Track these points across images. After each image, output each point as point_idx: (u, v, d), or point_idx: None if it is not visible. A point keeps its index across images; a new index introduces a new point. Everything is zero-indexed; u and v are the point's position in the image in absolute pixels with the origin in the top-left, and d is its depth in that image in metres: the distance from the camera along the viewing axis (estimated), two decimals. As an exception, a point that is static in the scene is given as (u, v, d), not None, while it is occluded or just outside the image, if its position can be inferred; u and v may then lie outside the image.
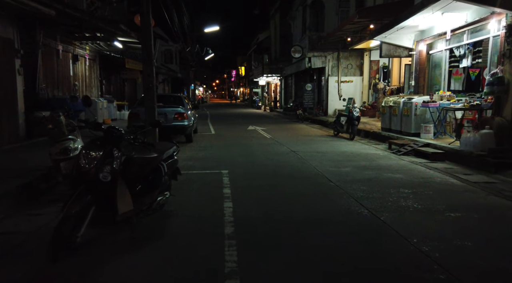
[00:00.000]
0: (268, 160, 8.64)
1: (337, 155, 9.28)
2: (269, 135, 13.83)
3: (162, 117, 10.99)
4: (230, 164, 8.19)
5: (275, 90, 40.41)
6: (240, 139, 12.82)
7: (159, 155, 4.37)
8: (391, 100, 11.80)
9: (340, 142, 11.78)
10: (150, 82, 9.84)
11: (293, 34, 28.10)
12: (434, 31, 10.99)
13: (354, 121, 12.35)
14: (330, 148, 10.53)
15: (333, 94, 21.58)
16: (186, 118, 11.20)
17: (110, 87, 23.69)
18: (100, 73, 20.23)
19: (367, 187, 6.01)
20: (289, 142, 11.68)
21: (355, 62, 21.45)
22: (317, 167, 7.70)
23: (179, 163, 8.16)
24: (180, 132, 11.45)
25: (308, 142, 11.76)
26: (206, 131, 15.64)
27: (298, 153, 9.54)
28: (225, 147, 10.83)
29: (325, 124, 17.85)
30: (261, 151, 9.92)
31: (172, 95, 13.37)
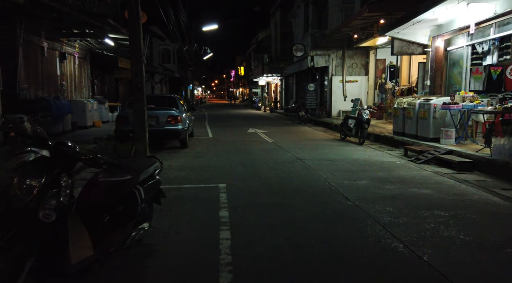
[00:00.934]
0: (271, 170, 7.60)
1: (349, 163, 8.24)
2: (271, 139, 12.79)
3: (154, 121, 9.95)
4: (228, 175, 7.15)
5: (275, 90, 39.39)
6: (239, 143, 11.78)
7: (134, 177, 3.32)
8: (405, 101, 10.77)
9: (349, 147, 10.74)
10: (139, 81, 8.80)
11: (295, 33, 27.07)
12: (454, 25, 9.96)
13: (364, 124, 11.32)
14: (340, 154, 9.49)
15: (337, 95, 20.56)
16: (180, 122, 10.16)
17: (104, 87, 22.63)
18: (92, 73, 19.20)
19: (394, 208, 4.96)
20: (293, 148, 10.64)
21: (360, 61, 20.43)
22: (329, 179, 6.66)
23: (169, 174, 7.10)
24: (174, 137, 10.41)
25: (314, 148, 10.73)
26: (203, 134, 14.59)
27: (305, 161, 8.50)
28: (223, 154, 9.79)
29: (329, 126, 16.82)
30: (263, 159, 8.88)
31: (165, 96, 12.32)
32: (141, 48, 8.73)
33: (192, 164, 8.39)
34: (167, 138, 10.70)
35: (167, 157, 9.31)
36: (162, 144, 11.15)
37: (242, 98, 68.36)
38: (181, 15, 30.79)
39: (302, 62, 22.78)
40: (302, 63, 22.65)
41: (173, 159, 8.96)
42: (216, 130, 16.03)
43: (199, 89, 72.07)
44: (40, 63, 13.01)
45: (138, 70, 8.76)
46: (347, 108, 20.60)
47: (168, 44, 40.70)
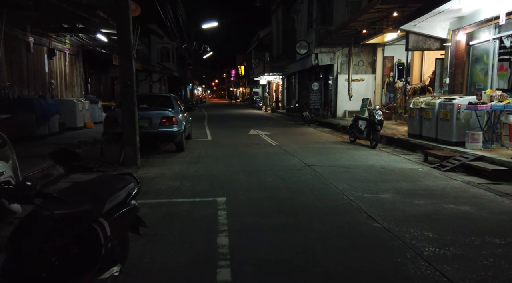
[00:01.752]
0: (278, 179, 6.64)
1: (365, 171, 7.27)
2: (275, 141, 11.83)
3: (146, 122, 9.00)
4: (228, 185, 6.19)
5: (276, 89, 38.43)
6: (241, 147, 10.82)
7: (94, 207, 2.34)
8: (422, 101, 9.81)
9: (361, 152, 9.78)
10: (129, 78, 7.86)
11: (297, 30, 26.09)
12: (478, 17, 9.00)
13: (377, 126, 10.36)
14: (352, 160, 8.53)
15: (342, 94, 19.61)
16: (175, 123, 9.20)
17: (100, 86, 21.68)
18: (85, 71, 18.29)
19: (434, 233, 4.01)
20: (299, 152, 9.69)
21: (366, 59, 19.48)
22: (346, 192, 5.70)
23: (161, 184, 6.22)
24: (168, 140, 9.46)
25: (323, 152, 9.77)
26: (202, 136, 13.64)
27: (315, 168, 7.54)
28: (223, 159, 8.83)
29: (335, 127, 15.87)
30: (268, 165, 7.93)
31: (160, 95, 11.33)
32: (130, 41, 7.79)
33: (188, 171, 7.43)
34: (161, 141, 9.76)
35: (160, 162, 8.35)
36: (155, 148, 10.20)
37: (243, 97, 67.39)
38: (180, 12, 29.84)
39: (305, 60, 21.82)
40: (306, 61, 21.68)
41: (167, 166, 8.00)
42: (215, 132, 15.08)
43: (199, 88, 71.10)
44: (26, 59, 12.06)
45: (127, 65, 7.82)
46: (353, 108, 19.67)
47: (167, 42, 39.77)
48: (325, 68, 21.27)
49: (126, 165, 7.88)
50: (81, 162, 7.45)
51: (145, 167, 7.88)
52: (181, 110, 10.70)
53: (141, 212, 4.76)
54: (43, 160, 7.28)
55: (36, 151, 8.51)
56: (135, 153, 7.96)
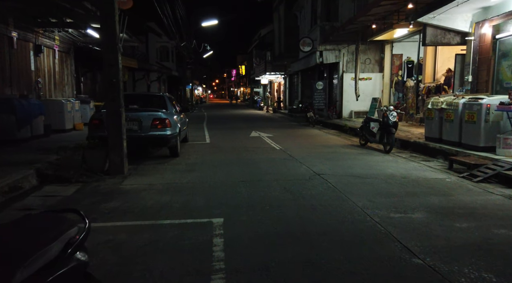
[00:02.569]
0: (285, 192, 5.68)
1: (385, 182, 6.31)
2: (278, 145, 10.87)
3: (136, 125, 8.04)
4: (227, 201, 5.23)
5: (278, 89, 37.48)
6: (241, 151, 9.86)
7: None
8: (443, 101, 8.85)
9: (375, 157, 8.83)
10: (114, 75, 6.91)
11: (300, 27, 25.14)
12: (507, 7, 8.03)
13: (391, 129, 9.40)
14: (367, 167, 7.56)
15: (348, 94, 18.64)
16: (168, 126, 8.24)
17: (95, 86, 20.73)
18: (77, 69, 17.34)
19: (496, 274, 3.04)
20: (307, 157, 8.73)
21: (374, 57, 18.51)
22: (368, 209, 4.74)
23: (147, 198, 5.31)
24: (161, 145, 8.51)
25: (332, 157, 8.81)
26: (200, 138, 12.68)
27: (326, 177, 6.59)
28: (222, 166, 7.88)
29: (342, 129, 14.90)
30: (272, 174, 6.97)
31: (152, 95, 10.34)
32: (116, 33, 6.84)
33: (181, 181, 6.47)
34: (153, 146, 8.81)
35: (151, 170, 7.39)
36: (147, 153, 9.25)
37: (244, 97, 66.45)
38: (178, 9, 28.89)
39: (309, 58, 20.85)
40: (309, 59, 20.71)
41: (158, 174, 7.04)
42: (214, 134, 14.13)
43: (199, 88, 70.17)
44: (8, 56, 11.11)
45: (112, 60, 6.87)
46: (359, 109, 18.71)
47: (166, 41, 38.88)
48: (330, 67, 20.31)
49: (111, 174, 6.93)
50: (58, 171, 6.50)
51: (133, 176, 6.93)
52: (176, 111, 9.75)
53: (117, 240, 3.85)
54: (19, 167, 6.33)
55: (14, 157, 7.56)
56: (122, 160, 7.01)
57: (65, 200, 5.37)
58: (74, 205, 5.06)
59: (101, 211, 4.83)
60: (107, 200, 5.33)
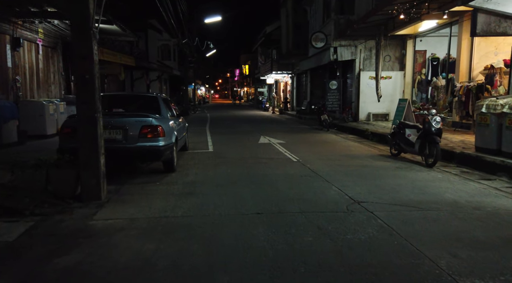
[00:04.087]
0: (321, 236, 3.97)
1: (453, 216, 4.58)
2: (294, 155, 9.17)
3: (120, 134, 6.35)
4: (239, 256, 3.51)
5: (284, 89, 35.77)
6: (251, 163, 8.16)
7: None
8: (503, 104, 7.11)
9: (419, 174, 7.10)
10: (87, 69, 5.23)
11: (310, 22, 23.41)
12: None
13: (435, 137, 7.67)
14: (418, 190, 5.83)
15: (366, 94, 16.92)
16: (161, 135, 6.54)
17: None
18: (67, 67, 15.70)
19: None
20: (333, 173, 7.02)
21: (394, 53, 16.78)
22: (461, 277, 3.03)
23: (113, 254, 3.31)
24: (152, 159, 6.81)
25: (365, 174, 7.08)
26: (202, 146, 10.99)
27: (369, 207, 4.88)
28: (229, 186, 6.18)
29: (362, 134, 13.17)
30: (296, 201, 5.26)
31: (142, 95, 8.50)
32: (88, 11, 5.14)
33: (173, 214, 4.77)
34: (142, 161, 7.11)
35: (137, 194, 5.69)
36: (135, 166, 7.56)
37: (247, 98, 64.79)
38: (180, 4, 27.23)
39: (321, 55, 19.12)
40: (321, 56, 18.98)
41: (144, 201, 5.34)
42: (218, 140, 12.42)
43: (202, 88, 68.59)
44: (-23, 49, 9.47)
45: (84, 50, 5.19)
46: (378, 110, 16.95)
47: (168, 39, 37.33)
48: (344, 65, 18.58)
49: (84, 200, 5.25)
50: (8, 199, 4.81)
51: (112, 203, 5.23)
52: (173, 115, 8.06)
53: None
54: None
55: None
56: (98, 181, 5.32)
57: (0, 251, 3.68)
58: (10, 262, 3.38)
59: (47, 277, 3.14)
60: (65, 250, 3.64)
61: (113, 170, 6.84)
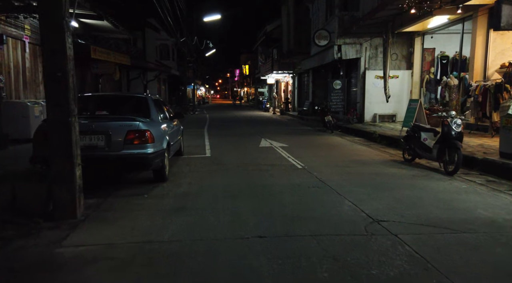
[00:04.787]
0: (339, 269, 3.20)
1: (497, 242, 3.80)
2: (298, 160, 8.39)
3: (101, 139, 5.57)
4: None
5: (285, 89, 35.01)
6: (252, 171, 7.39)
7: None
8: (533, 105, 6.34)
9: (440, 183, 6.33)
10: (58, 67, 4.47)
11: (312, 20, 22.65)
12: None
13: (455, 142, 6.90)
14: (444, 205, 5.05)
15: (371, 94, 16.15)
16: (150, 141, 5.76)
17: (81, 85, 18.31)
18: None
19: None
20: (344, 183, 6.24)
21: (401, 51, 16.02)
22: None
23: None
24: (139, 168, 6.01)
25: (379, 183, 6.30)
26: (198, 150, 10.22)
27: (393, 229, 4.10)
28: (227, 199, 5.40)
29: (369, 137, 12.41)
30: (305, 220, 4.48)
31: (130, 96, 7.59)
32: (61, 3, 4.38)
33: (159, 239, 3.99)
34: (127, 171, 6.32)
35: (120, 210, 4.90)
36: (121, 176, 6.78)
37: (247, 98, 64.03)
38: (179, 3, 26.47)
39: (324, 54, 18.37)
40: (325, 55, 18.23)
41: (127, 220, 4.56)
42: (217, 143, 11.65)
43: (202, 88, 67.83)
44: (-48, 46, 8.70)
45: (55, 42, 4.43)
46: (384, 111, 16.17)
47: (166, 38, 36.62)
48: (348, 64, 17.82)
49: (56, 219, 4.48)
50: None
51: (88, 223, 4.46)
52: (166, 118, 7.28)
53: None
54: None
55: None
56: (73, 196, 4.55)
57: None
58: None
59: None
60: (16, 292, 2.87)
61: (96, 180, 6.08)
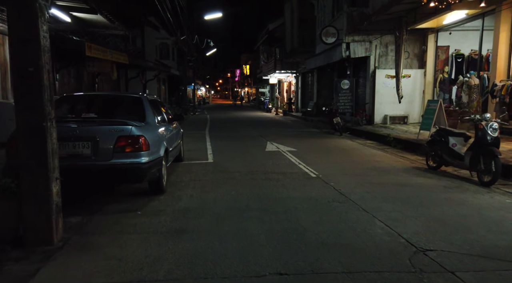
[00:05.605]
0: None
1: None
2: (311, 167, 7.55)
3: (87, 147, 4.73)
4: None
5: (288, 89, 34.17)
6: (261, 181, 6.54)
7: None
8: None
9: (479, 197, 5.49)
10: (29, 60, 3.62)
11: (317, 17, 21.79)
12: None
13: (492, 149, 6.08)
14: (497, 228, 4.20)
15: (381, 94, 15.31)
16: (144, 148, 4.91)
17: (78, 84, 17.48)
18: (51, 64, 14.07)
19: None
20: (368, 197, 5.40)
21: (412, 49, 15.17)
22: None
23: None
24: (131, 180, 5.14)
25: (409, 197, 5.46)
26: (200, 154, 9.38)
27: (448, 264, 3.27)
28: (234, 219, 4.56)
29: (382, 140, 11.57)
30: (331, 247, 3.65)
31: (122, 96, 6.59)
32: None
33: (151, 276, 3.14)
34: (118, 183, 5.47)
35: (104, 235, 4.04)
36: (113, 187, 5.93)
37: (248, 98, 63.17)
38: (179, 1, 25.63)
39: (331, 52, 17.52)
40: (332, 53, 17.38)
41: (112, 248, 3.72)
42: (219, 146, 10.81)
43: (202, 88, 66.99)
44: None
45: (24, 29, 3.58)
46: (395, 113, 15.31)
47: (167, 37, 35.80)
48: (355, 62, 17.00)
49: (28, 245, 3.65)
50: None
51: (66, 252, 3.62)
52: (164, 121, 6.44)
53: None
54: None
55: None
56: (48, 218, 3.72)
57: None
58: None
59: None
60: None
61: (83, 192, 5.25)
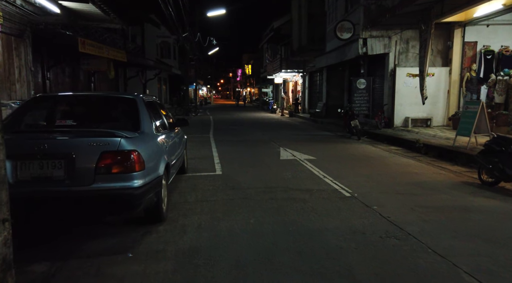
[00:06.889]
0: None
1: None
2: (338, 181, 6.27)
3: (58, 168, 3.43)
4: None
5: (294, 89, 32.88)
6: (283, 201, 5.26)
7: None
8: None
9: None
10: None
11: (328, 13, 20.50)
12: None
13: None
14: None
15: (402, 95, 14.04)
16: (137, 168, 3.61)
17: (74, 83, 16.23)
18: (42, 60, 12.96)
19: None
20: (432, 230, 4.13)
21: (436, 46, 13.88)
22: None
23: None
24: (120, 210, 3.85)
25: (486, 229, 4.18)
26: (206, 164, 8.09)
27: None
28: (258, 266, 3.29)
29: (407, 145, 10.32)
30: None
31: (111, 97, 5.04)
32: None
33: None
34: (101, 214, 4.16)
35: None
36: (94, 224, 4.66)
37: (250, 98, 61.89)
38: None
39: (345, 49, 16.23)
40: (346, 50, 16.10)
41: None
42: (227, 154, 9.52)
43: (203, 88, 65.74)
44: None
45: None
46: (417, 115, 14.00)
47: (168, 36, 34.62)
48: (370, 60, 15.72)
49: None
50: None
51: None
52: (163, 128, 5.15)
53: None
54: None
55: None
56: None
57: None
58: None
59: None
60: None
61: (56, 225, 3.98)
